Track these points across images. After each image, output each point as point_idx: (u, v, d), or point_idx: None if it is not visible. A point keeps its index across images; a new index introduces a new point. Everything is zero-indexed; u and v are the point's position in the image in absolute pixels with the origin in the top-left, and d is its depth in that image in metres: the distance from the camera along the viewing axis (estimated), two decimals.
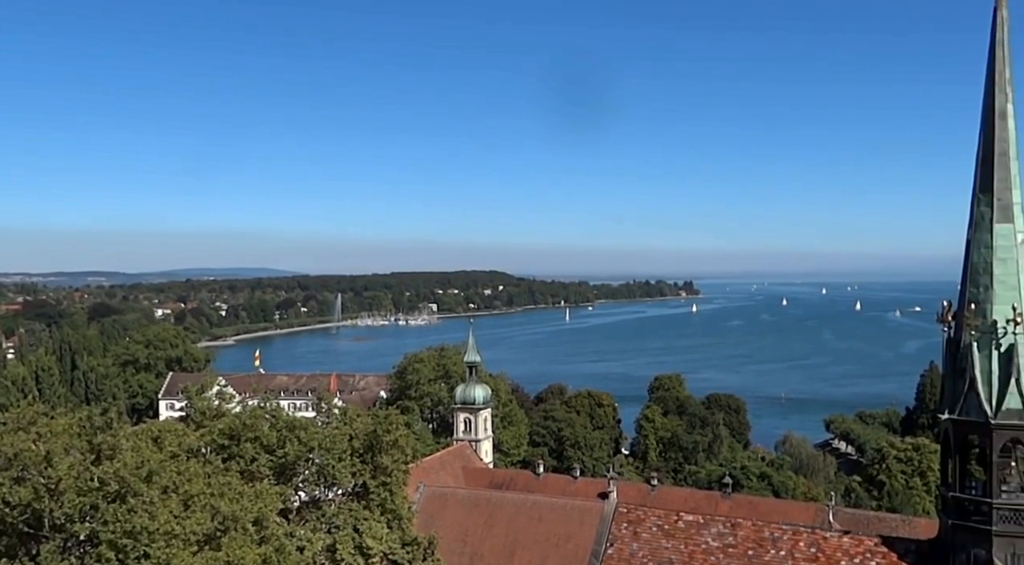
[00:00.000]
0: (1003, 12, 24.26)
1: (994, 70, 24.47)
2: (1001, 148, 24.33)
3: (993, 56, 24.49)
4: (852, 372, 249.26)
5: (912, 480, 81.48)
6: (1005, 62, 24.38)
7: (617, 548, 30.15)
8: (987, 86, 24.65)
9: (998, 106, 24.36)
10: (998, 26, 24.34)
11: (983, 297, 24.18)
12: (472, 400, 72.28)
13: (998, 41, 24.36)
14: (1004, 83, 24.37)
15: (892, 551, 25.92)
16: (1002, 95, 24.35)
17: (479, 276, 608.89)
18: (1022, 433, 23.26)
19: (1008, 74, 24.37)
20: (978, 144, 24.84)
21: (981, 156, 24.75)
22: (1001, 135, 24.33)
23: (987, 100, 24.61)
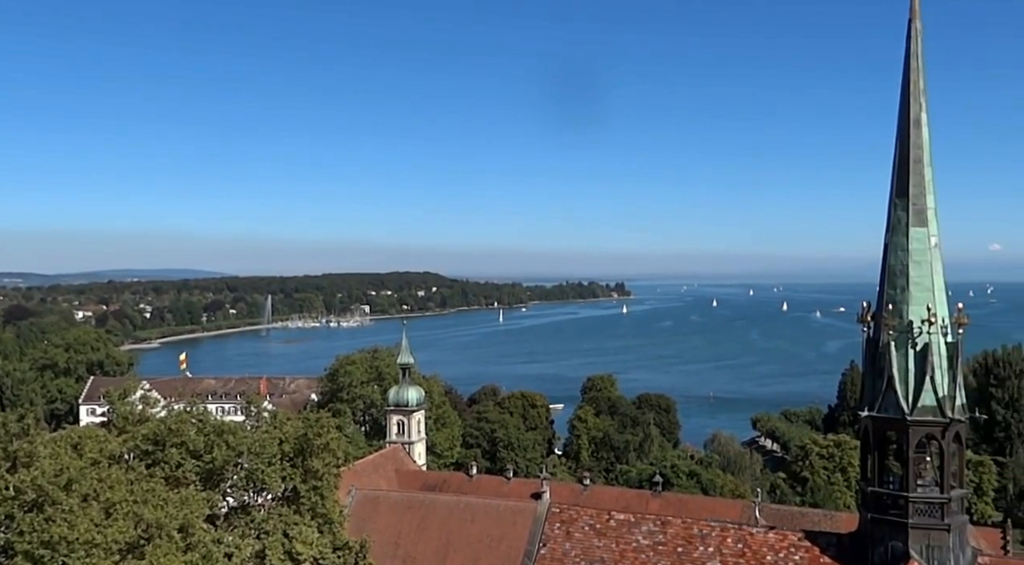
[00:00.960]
0: (917, 24, 25.22)
1: (909, 80, 25.39)
2: (916, 155, 25.25)
3: (908, 67, 25.41)
4: (777, 371, 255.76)
5: (834, 476, 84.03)
6: (919, 72, 25.32)
7: (550, 548, 30.33)
8: (902, 95, 25.57)
9: (913, 115, 25.28)
10: (912, 38, 25.29)
11: (900, 298, 25.03)
12: (405, 402, 71.84)
13: (912, 52, 25.30)
14: (918, 93, 25.31)
15: (815, 545, 26.65)
16: (916, 104, 25.28)
17: (413, 277, 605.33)
18: (936, 429, 24.12)
19: (922, 84, 25.32)
20: (895, 151, 25.75)
21: (897, 162, 25.65)
22: (916, 142, 25.25)
23: (902, 109, 25.52)
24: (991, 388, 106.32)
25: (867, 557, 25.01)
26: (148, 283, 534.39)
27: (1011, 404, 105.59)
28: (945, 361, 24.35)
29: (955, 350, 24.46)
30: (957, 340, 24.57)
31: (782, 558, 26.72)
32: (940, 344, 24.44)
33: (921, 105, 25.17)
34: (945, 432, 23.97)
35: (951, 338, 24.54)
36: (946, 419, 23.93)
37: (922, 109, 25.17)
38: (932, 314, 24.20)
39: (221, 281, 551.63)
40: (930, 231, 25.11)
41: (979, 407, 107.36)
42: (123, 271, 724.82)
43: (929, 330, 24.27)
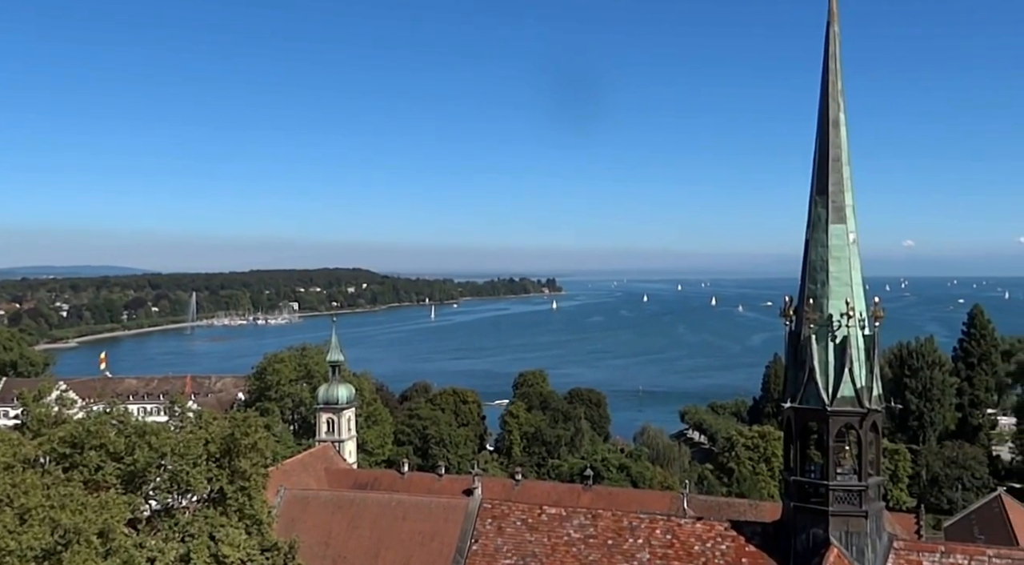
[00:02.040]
0: (835, 27, 25.96)
1: (828, 81, 26.12)
2: (835, 153, 25.98)
3: (827, 68, 26.14)
4: (704, 365, 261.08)
5: (759, 466, 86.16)
6: (837, 74, 26.07)
7: (482, 544, 30.35)
8: (822, 96, 26.29)
9: (832, 115, 26.01)
10: (830, 40, 26.02)
11: (820, 293, 25.73)
12: (335, 400, 71.03)
13: (830, 54, 26.03)
14: (837, 93, 26.06)
15: (740, 534, 27.24)
16: (835, 104, 26.03)
17: (342, 274, 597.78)
18: (855, 419, 24.89)
19: (840, 85, 26.08)
20: (815, 149, 26.46)
21: (817, 161, 26.36)
22: (835, 141, 25.99)
23: (822, 109, 26.24)
24: (905, 379, 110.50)
25: (790, 544, 25.70)
26: (65, 280, 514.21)
27: (924, 394, 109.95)
28: (863, 353, 25.14)
29: (872, 342, 25.27)
30: (874, 333, 25.38)
31: (709, 548, 27.25)
32: (858, 337, 25.20)
33: (839, 105, 25.91)
34: (863, 422, 24.77)
35: (868, 331, 25.35)
36: (864, 409, 24.71)
37: (840, 109, 25.91)
38: (850, 308, 24.95)
39: (143, 278, 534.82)
40: (848, 228, 25.86)
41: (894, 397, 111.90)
42: (38, 268, 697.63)
43: (848, 323, 25.00)
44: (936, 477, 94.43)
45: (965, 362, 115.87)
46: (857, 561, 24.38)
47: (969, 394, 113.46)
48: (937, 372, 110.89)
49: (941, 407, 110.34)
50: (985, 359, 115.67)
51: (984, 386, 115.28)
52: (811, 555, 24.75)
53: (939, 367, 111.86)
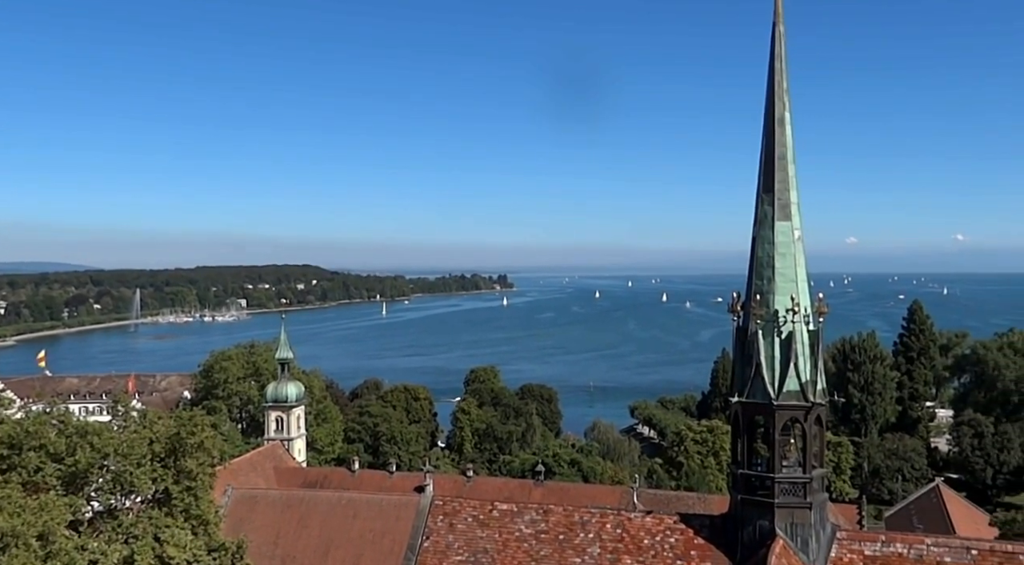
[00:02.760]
0: (780, 27, 26.41)
1: (773, 81, 26.58)
2: (780, 152, 26.45)
3: (772, 68, 26.58)
4: (654, 360, 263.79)
5: (707, 460, 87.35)
6: (783, 73, 26.54)
7: (433, 541, 30.29)
8: (768, 95, 26.72)
9: (777, 114, 26.47)
10: (776, 40, 26.47)
11: (766, 289, 26.17)
12: (284, 398, 70.19)
13: (776, 54, 26.48)
14: (782, 93, 26.53)
15: (689, 527, 27.62)
16: (780, 103, 26.49)
17: (291, 270, 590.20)
18: (800, 413, 25.39)
19: (785, 84, 26.55)
20: (761, 148, 26.91)
21: (763, 159, 26.80)
22: (780, 140, 26.45)
23: (768, 108, 26.68)
24: (848, 373, 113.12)
25: (737, 536, 26.14)
26: (2, 277, 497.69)
27: (866, 388, 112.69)
28: (807, 348, 25.64)
29: (816, 338, 25.79)
30: (818, 328, 25.90)
31: (658, 541, 27.58)
32: (803, 332, 25.69)
33: (785, 104, 26.38)
34: (808, 415, 25.27)
35: (813, 326, 25.86)
36: (808, 403, 25.22)
37: (786, 108, 26.38)
38: (796, 304, 25.42)
39: (84, 274, 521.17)
40: (794, 225, 26.35)
41: (837, 391, 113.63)
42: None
43: (793, 319, 25.47)
44: (877, 469, 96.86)
45: (905, 356, 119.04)
46: (802, 552, 24.90)
47: (909, 388, 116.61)
48: (879, 366, 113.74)
49: (882, 400, 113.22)
50: (924, 353, 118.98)
51: (923, 380, 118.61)
52: (757, 546, 25.20)
53: (880, 361, 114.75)
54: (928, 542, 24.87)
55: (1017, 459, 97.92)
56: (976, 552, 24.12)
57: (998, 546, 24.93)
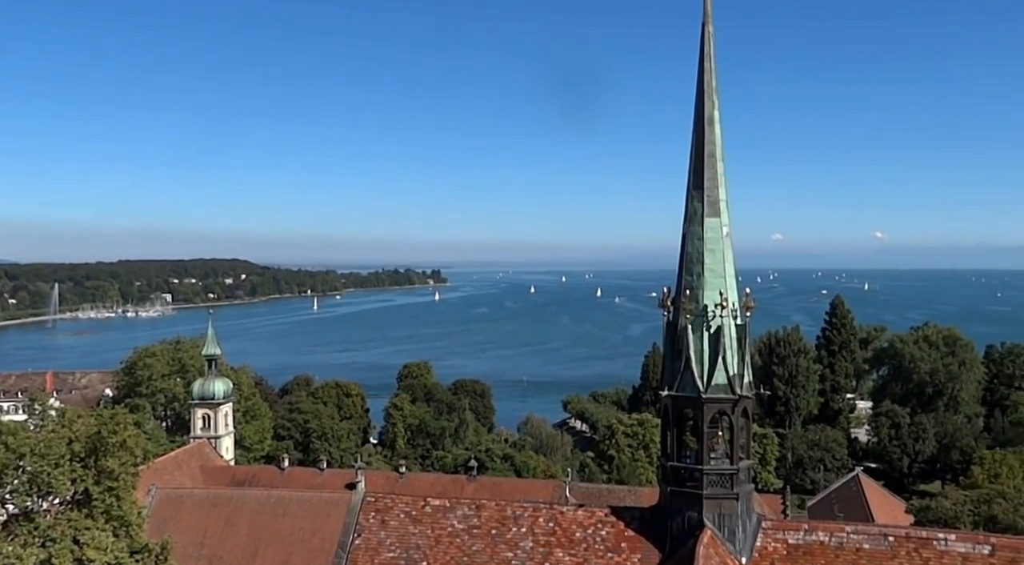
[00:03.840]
0: (709, 28, 26.84)
1: (703, 80, 26.99)
2: (710, 150, 26.90)
3: (702, 68, 27.00)
4: (586, 355, 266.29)
5: (637, 453, 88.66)
6: (712, 73, 26.98)
7: (364, 538, 29.98)
8: (697, 94, 27.13)
9: (707, 113, 26.90)
10: (705, 40, 26.89)
11: (696, 284, 26.58)
12: (211, 395, 68.94)
13: (705, 54, 26.90)
14: (711, 92, 26.97)
15: (620, 520, 27.91)
16: (710, 102, 26.93)
17: (219, 264, 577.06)
18: (727, 405, 25.88)
19: (714, 84, 26.99)
20: (691, 146, 27.32)
21: (693, 157, 27.22)
22: (710, 138, 26.90)
23: (698, 107, 27.10)
24: (773, 366, 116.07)
25: (666, 528, 26.53)
26: None
27: (790, 381, 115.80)
28: (735, 342, 26.13)
29: (744, 332, 26.31)
30: (745, 322, 26.43)
31: (590, 534, 27.83)
32: (731, 326, 26.18)
33: (714, 103, 26.82)
34: (735, 408, 25.78)
35: (740, 321, 26.37)
36: (736, 396, 25.73)
37: (715, 107, 26.82)
38: (724, 298, 25.89)
39: None
40: (723, 221, 26.82)
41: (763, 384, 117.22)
42: None
43: (722, 314, 25.93)
44: (801, 459, 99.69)
45: (827, 350, 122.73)
46: (729, 541, 25.42)
47: (831, 380, 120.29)
48: (802, 360, 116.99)
49: (806, 393, 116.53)
50: (845, 347, 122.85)
51: (844, 372, 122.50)
52: (686, 537, 25.63)
53: (804, 355, 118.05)
54: (848, 530, 25.64)
55: (931, 448, 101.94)
56: (893, 538, 24.97)
57: (913, 532, 25.86)
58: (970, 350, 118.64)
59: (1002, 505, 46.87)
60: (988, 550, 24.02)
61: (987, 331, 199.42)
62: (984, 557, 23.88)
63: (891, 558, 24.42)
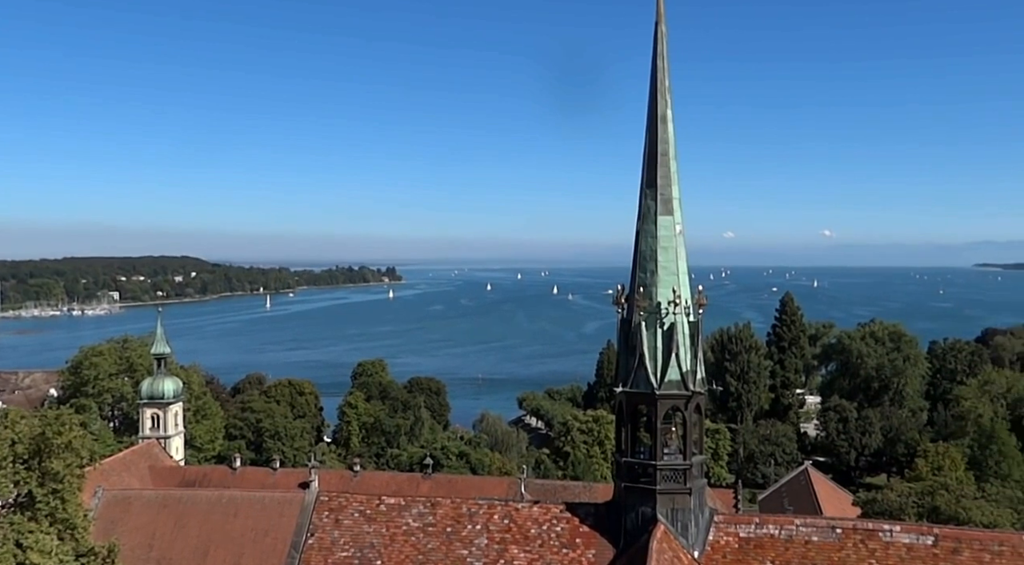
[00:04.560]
0: (662, 27, 27.06)
1: (656, 79, 27.21)
2: (663, 148, 27.13)
3: (655, 67, 27.22)
4: (542, 352, 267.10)
5: (592, 449, 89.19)
6: (665, 72, 27.21)
7: (318, 537, 29.70)
8: (651, 93, 27.33)
9: (660, 111, 27.11)
10: (658, 40, 27.11)
11: (650, 281, 26.80)
12: (160, 394, 67.81)
13: (658, 53, 27.12)
14: (664, 91, 27.19)
15: (575, 516, 28.05)
16: (663, 101, 27.15)
17: (169, 262, 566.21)
18: (680, 401, 26.16)
19: (667, 83, 27.22)
20: (644, 144, 27.52)
21: (647, 155, 27.42)
22: (663, 137, 27.12)
23: (651, 106, 27.29)
24: (725, 362, 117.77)
25: (620, 523, 26.74)
26: None
27: (742, 376, 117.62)
28: (688, 339, 26.42)
29: (696, 329, 26.61)
30: (698, 319, 26.72)
31: (545, 530, 27.91)
32: (684, 323, 26.44)
33: (667, 102, 27.04)
34: (688, 404, 26.06)
35: (693, 318, 26.66)
36: (689, 392, 26.01)
37: (667, 106, 27.04)
38: (677, 296, 26.14)
39: None
40: (675, 219, 27.08)
41: (715, 380, 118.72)
42: None
43: (675, 311, 26.17)
44: (752, 454, 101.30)
45: (778, 346, 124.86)
46: (682, 536, 25.72)
47: (781, 376, 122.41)
48: (753, 356, 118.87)
49: (757, 388, 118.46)
50: (795, 343, 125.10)
51: (794, 368, 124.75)
52: (640, 532, 25.86)
53: (755, 351, 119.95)
54: (797, 522, 26.11)
55: (877, 442, 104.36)
56: (840, 530, 25.51)
57: (860, 524, 26.46)
58: (914, 346, 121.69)
59: (944, 496, 48.18)
60: (931, 541, 24.66)
61: (930, 327, 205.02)
62: (927, 547, 24.51)
63: (839, 550, 24.94)
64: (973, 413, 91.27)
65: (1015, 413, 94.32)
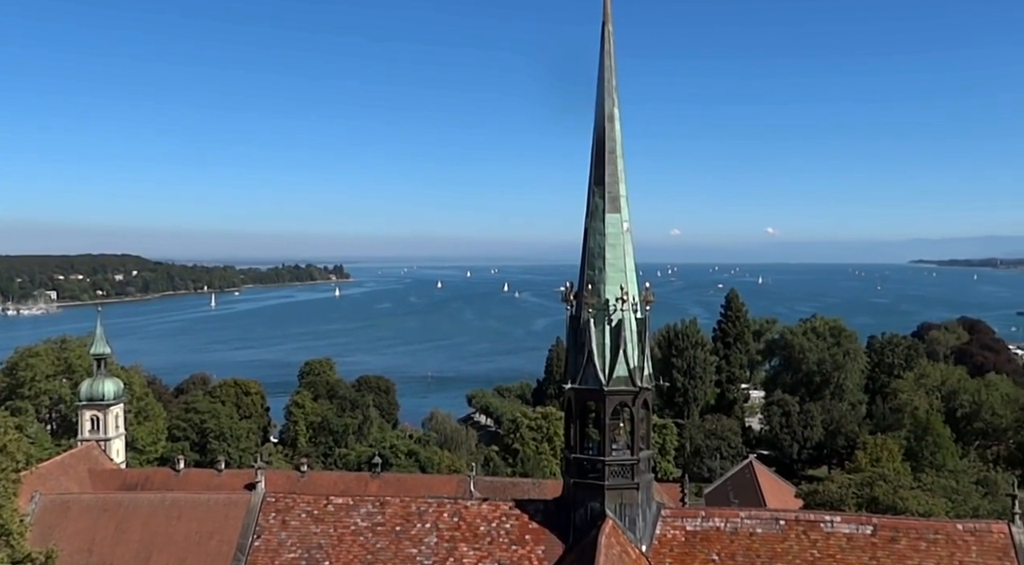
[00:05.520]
0: (609, 27, 27.30)
1: (603, 78, 27.43)
2: (610, 146, 27.35)
3: (602, 66, 27.44)
4: (490, 349, 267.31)
5: (542, 446, 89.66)
6: (612, 71, 27.45)
7: (264, 539, 29.26)
8: (598, 92, 27.54)
9: (607, 110, 27.34)
10: (605, 39, 27.35)
11: (598, 278, 27.00)
12: (100, 396, 66.17)
13: (605, 52, 27.35)
14: (611, 90, 27.43)
15: (524, 512, 28.10)
16: (610, 100, 27.38)
17: (109, 260, 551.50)
18: (628, 397, 26.40)
19: (614, 82, 27.46)
20: (592, 143, 27.72)
21: (595, 153, 27.62)
22: (610, 135, 27.35)
23: (598, 105, 27.50)
24: (672, 358, 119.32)
25: (570, 519, 26.90)
26: None
27: (688, 372, 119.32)
28: (636, 335, 26.67)
29: (644, 325, 26.87)
30: (645, 316, 26.99)
31: (495, 527, 27.93)
32: (631, 320, 26.68)
33: (614, 101, 27.27)
34: (636, 400, 26.32)
35: (640, 314, 26.91)
36: (636, 388, 26.26)
37: (614, 105, 27.27)
38: (625, 293, 26.37)
39: None
40: (623, 217, 27.32)
41: (662, 376, 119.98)
42: None
43: (622, 307, 26.40)
44: (698, 448, 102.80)
45: (723, 342, 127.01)
46: (630, 530, 25.99)
47: (726, 371, 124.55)
48: (699, 352, 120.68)
49: (703, 384, 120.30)
50: (739, 339, 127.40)
51: (739, 363, 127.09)
52: (589, 527, 26.05)
53: (701, 347, 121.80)
54: (742, 515, 26.59)
55: (819, 435, 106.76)
56: (784, 522, 26.05)
57: (802, 516, 27.06)
58: (854, 340, 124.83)
59: (883, 487, 49.47)
60: (870, 530, 25.34)
61: (869, 322, 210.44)
62: (867, 537, 25.18)
63: (782, 541, 25.46)
64: (909, 406, 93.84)
65: (949, 405, 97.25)
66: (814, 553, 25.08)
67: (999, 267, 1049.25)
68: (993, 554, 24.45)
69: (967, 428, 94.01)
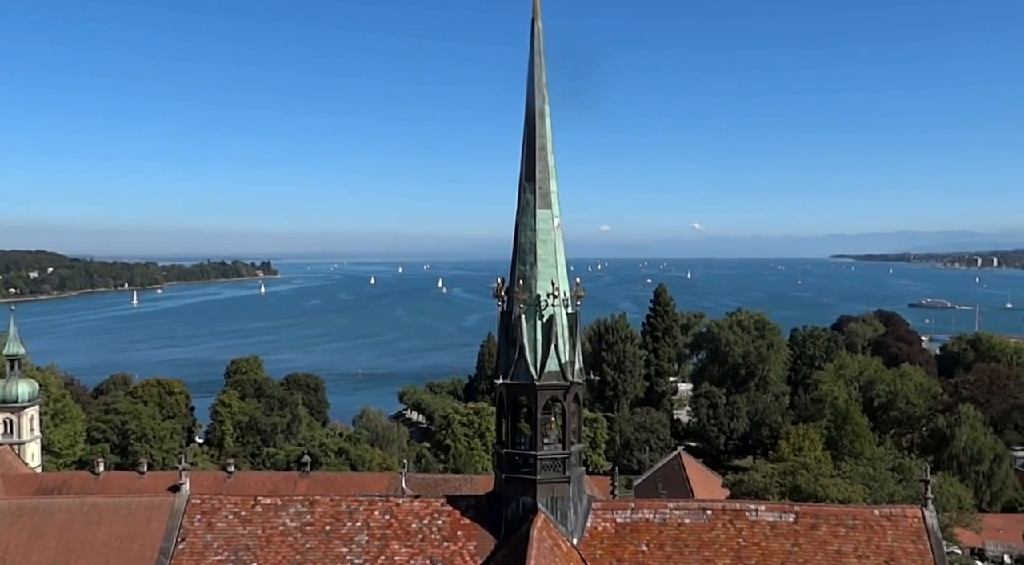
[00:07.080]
0: (539, 23, 27.36)
1: (534, 75, 27.50)
2: (541, 143, 27.43)
3: (532, 62, 27.48)
4: (422, 345, 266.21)
5: (473, 441, 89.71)
6: (542, 68, 27.53)
7: (189, 542, 28.51)
8: (528, 89, 27.59)
9: (538, 106, 27.40)
10: (535, 36, 27.40)
11: (529, 274, 27.06)
12: (14, 398, 63.80)
13: (536, 49, 27.40)
14: (542, 86, 27.50)
15: (456, 508, 28.02)
16: (540, 97, 27.45)
17: (22, 257, 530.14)
18: (560, 392, 26.54)
19: (544, 78, 27.53)
20: (523, 139, 27.78)
21: (525, 149, 27.66)
22: (541, 132, 27.42)
23: (529, 101, 27.55)
24: (602, 352, 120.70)
25: (501, 514, 26.94)
26: None
27: (618, 366, 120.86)
28: (567, 330, 26.82)
29: (575, 320, 27.05)
30: (576, 311, 27.17)
31: (426, 524, 27.78)
32: (563, 315, 26.84)
33: (544, 97, 27.35)
34: (567, 394, 26.47)
35: (571, 309, 27.09)
36: (567, 382, 26.43)
37: (545, 101, 27.35)
38: (556, 288, 26.51)
39: None
40: (554, 212, 27.44)
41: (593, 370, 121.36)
42: None
43: (554, 302, 26.53)
44: (628, 441, 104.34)
45: (652, 336, 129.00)
46: (561, 524, 26.17)
47: (655, 365, 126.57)
48: (629, 346, 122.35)
49: (632, 377, 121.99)
50: (668, 333, 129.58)
51: (667, 357, 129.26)
52: (521, 522, 26.14)
53: (631, 341, 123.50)
54: (671, 506, 27.02)
55: (744, 426, 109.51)
56: (711, 512, 26.59)
57: (728, 505, 27.65)
58: (777, 333, 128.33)
59: (804, 475, 51.10)
60: (793, 518, 26.07)
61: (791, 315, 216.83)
62: (789, 524, 25.90)
63: (709, 530, 25.99)
64: (830, 396, 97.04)
65: (867, 395, 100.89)
66: (740, 541, 25.68)
67: (912, 261, 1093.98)
68: (907, 538, 25.43)
69: (883, 417, 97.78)
